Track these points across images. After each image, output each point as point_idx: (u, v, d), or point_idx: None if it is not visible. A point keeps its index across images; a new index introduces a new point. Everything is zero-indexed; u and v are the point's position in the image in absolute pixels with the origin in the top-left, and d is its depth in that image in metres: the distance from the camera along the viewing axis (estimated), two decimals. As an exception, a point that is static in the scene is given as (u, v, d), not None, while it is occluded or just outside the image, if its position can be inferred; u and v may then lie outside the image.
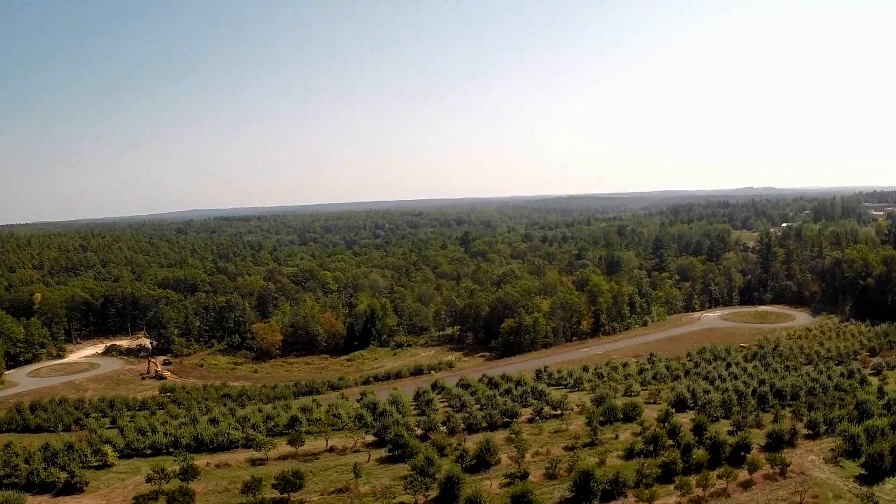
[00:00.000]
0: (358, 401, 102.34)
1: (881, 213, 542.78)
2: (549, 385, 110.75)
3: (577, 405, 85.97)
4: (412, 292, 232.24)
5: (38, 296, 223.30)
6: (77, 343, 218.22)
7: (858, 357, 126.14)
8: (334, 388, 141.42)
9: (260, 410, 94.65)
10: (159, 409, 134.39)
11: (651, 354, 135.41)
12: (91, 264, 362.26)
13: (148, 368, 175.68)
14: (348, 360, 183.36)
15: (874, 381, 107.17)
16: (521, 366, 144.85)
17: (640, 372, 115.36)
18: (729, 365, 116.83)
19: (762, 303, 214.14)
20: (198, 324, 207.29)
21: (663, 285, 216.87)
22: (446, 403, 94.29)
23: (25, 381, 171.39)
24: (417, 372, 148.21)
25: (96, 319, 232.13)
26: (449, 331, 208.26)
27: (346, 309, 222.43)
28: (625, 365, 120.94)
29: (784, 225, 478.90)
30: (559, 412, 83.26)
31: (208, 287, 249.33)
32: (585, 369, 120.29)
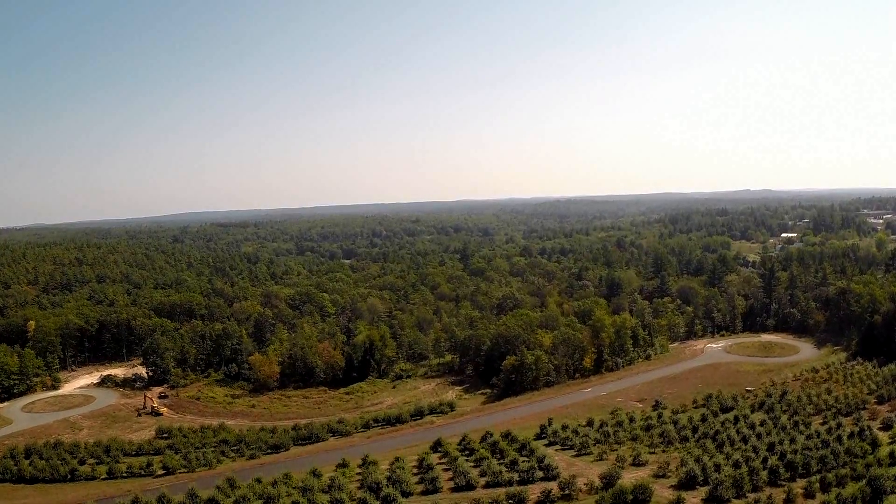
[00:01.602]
0: (360, 467, 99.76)
1: (880, 220, 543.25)
2: (553, 444, 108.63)
3: (586, 484, 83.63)
4: (411, 316, 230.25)
5: (31, 323, 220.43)
6: (72, 370, 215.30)
7: (867, 406, 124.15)
8: (334, 432, 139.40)
9: (259, 481, 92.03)
10: (156, 454, 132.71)
11: (656, 402, 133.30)
12: (86, 280, 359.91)
13: (144, 403, 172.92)
14: (347, 393, 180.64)
15: (884, 438, 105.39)
16: (523, 410, 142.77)
17: (647, 428, 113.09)
18: (737, 419, 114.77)
19: (765, 329, 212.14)
20: (194, 352, 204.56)
21: (665, 311, 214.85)
22: (450, 476, 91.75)
23: (20, 416, 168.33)
24: (418, 414, 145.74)
25: (91, 345, 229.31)
26: (448, 357, 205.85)
27: (343, 335, 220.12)
28: (631, 420, 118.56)
29: (784, 236, 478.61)
30: (567, 492, 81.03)
31: (204, 310, 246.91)
32: (590, 423, 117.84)
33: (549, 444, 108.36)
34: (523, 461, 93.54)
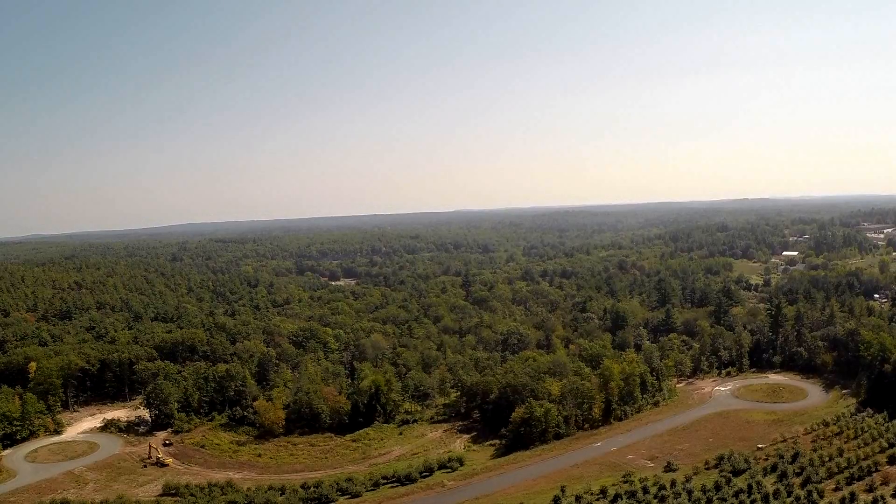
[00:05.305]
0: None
1: (881, 235, 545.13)
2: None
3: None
4: (415, 352, 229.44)
5: (32, 365, 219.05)
6: (74, 411, 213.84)
7: (879, 468, 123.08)
8: (343, 492, 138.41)
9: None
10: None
11: (668, 462, 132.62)
12: (86, 307, 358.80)
13: (149, 453, 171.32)
14: (354, 440, 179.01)
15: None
16: (533, 469, 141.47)
17: (662, 499, 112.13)
18: (750, 488, 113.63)
19: (772, 367, 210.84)
20: (197, 395, 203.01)
21: (672, 349, 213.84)
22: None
23: (23, 467, 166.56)
24: (427, 471, 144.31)
25: (92, 384, 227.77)
26: (453, 396, 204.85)
27: (347, 372, 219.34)
28: (645, 489, 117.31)
29: (785, 254, 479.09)
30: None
31: (206, 347, 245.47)
32: (603, 492, 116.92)
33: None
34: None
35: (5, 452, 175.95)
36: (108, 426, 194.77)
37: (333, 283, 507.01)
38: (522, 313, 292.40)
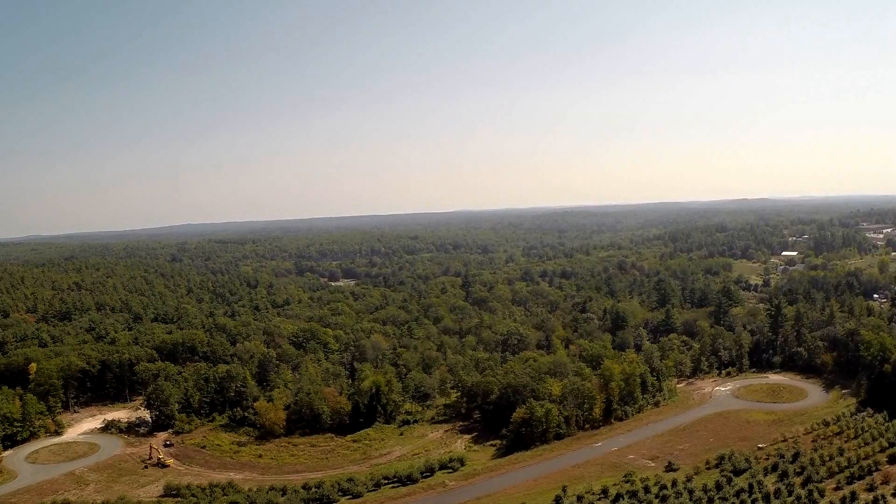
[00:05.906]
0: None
1: (880, 235, 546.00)
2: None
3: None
4: (415, 353, 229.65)
5: (33, 366, 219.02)
6: (74, 412, 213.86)
7: (880, 467, 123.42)
8: (345, 492, 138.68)
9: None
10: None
11: (669, 462, 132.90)
12: (86, 308, 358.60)
13: (150, 454, 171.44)
14: (354, 440, 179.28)
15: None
16: (534, 469, 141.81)
17: (663, 499, 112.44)
18: (751, 487, 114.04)
19: (772, 367, 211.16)
20: (198, 396, 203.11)
21: (672, 350, 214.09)
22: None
23: (24, 468, 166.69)
24: (429, 471, 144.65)
25: (93, 385, 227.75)
26: (453, 397, 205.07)
27: (347, 373, 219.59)
28: (646, 489, 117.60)
29: (784, 255, 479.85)
30: None
31: (206, 348, 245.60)
32: (605, 492, 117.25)
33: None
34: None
35: (6, 453, 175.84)
36: (108, 427, 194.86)
37: (333, 283, 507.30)
38: (522, 314, 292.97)
